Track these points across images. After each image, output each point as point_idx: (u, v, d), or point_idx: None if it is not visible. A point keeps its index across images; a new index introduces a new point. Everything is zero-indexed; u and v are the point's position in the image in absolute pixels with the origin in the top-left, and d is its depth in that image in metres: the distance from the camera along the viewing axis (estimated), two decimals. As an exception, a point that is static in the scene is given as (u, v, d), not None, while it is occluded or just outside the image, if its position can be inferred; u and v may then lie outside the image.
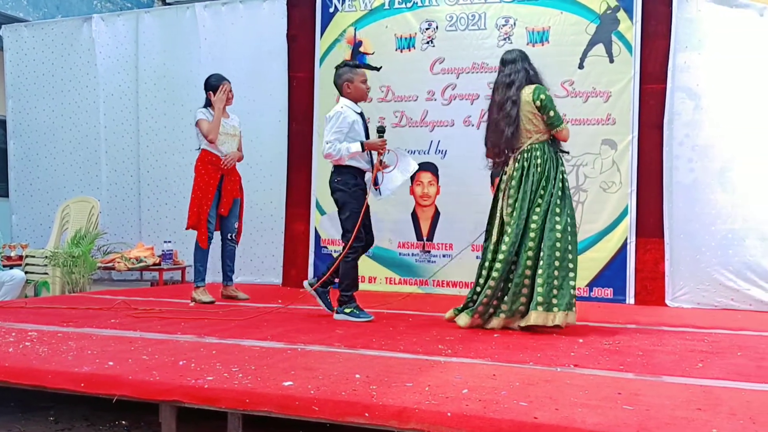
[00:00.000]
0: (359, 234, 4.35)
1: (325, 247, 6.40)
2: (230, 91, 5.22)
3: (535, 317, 3.86)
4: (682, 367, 3.02)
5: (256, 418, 2.46)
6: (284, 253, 6.53)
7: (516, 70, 4.14)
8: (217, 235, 5.30)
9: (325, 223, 6.41)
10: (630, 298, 5.58)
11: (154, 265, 6.55)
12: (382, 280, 6.18)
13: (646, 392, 2.49)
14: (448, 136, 6.07)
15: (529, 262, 3.95)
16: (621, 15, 5.66)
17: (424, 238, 6.16)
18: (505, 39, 5.93)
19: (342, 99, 4.46)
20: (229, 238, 5.35)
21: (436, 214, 6.12)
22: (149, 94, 7.07)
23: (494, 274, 4.00)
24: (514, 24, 5.91)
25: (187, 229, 5.19)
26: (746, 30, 5.41)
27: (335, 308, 4.41)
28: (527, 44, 5.77)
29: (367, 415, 2.24)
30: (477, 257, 5.84)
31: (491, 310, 4.03)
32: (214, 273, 5.65)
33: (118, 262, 6.47)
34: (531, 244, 3.96)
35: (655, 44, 5.60)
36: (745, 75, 5.38)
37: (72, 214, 6.97)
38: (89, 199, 7.04)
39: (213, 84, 5.18)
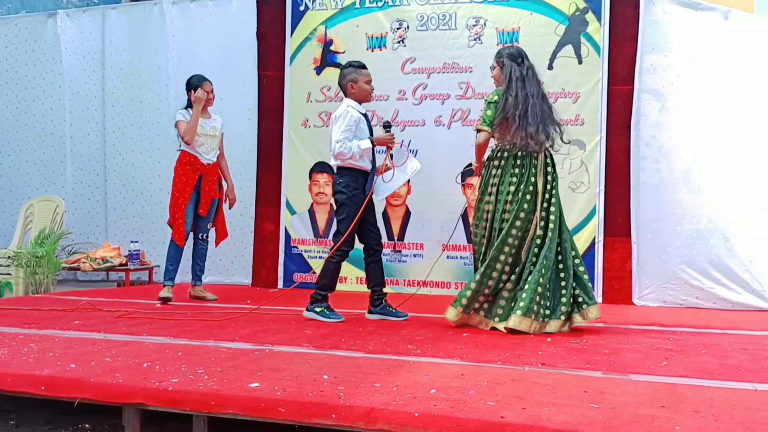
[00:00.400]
0: (349, 238, 4.31)
1: (296, 247, 6.36)
2: (211, 91, 5.20)
3: (594, 312, 3.97)
4: (648, 365, 3.05)
5: (222, 420, 2.43)
6: (254, 253, 6.47)
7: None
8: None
9: (296, 223, 6.37)
10: (598, 297, 5.61)
11: (121, 265, 6.46)
12: (353, 280, 6.16)
13: (612, 390, 2.51)
14: (419, 135, 6.07)
15: (570, 262, 4.00)
16: (589, 17, 5.72)
17: (395, 238, 6.15)
18: (475, 39, 5.95)
19: (346, 99, 4.43)
20: (201, 238, 5.32)
21: (407, 214, 6.11)
22: (116, 92, 6.97)
23: (542, 270, 3.89)
24: (485, 24, 5.93)
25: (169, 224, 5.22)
26: (711, 33, 5.49)
27: (307, 306, 4.38)
28: (497, 44, 5.80)
29: (334, 416, 2.23)
30: (448, 257, 5.88)
31: (542, 311, 3.89)
32: (183, 273, 5.59)
33: (84, 263, 6.36)
34: (570, 245, 4.05)
35: (623, 46, 5.67)
36: (710, 77, 5.47)
37: (36, 214, 6.84)
38: (54, 198, 6.91)
39: (194, 84, 5.17)
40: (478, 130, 4.20)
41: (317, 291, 4.35)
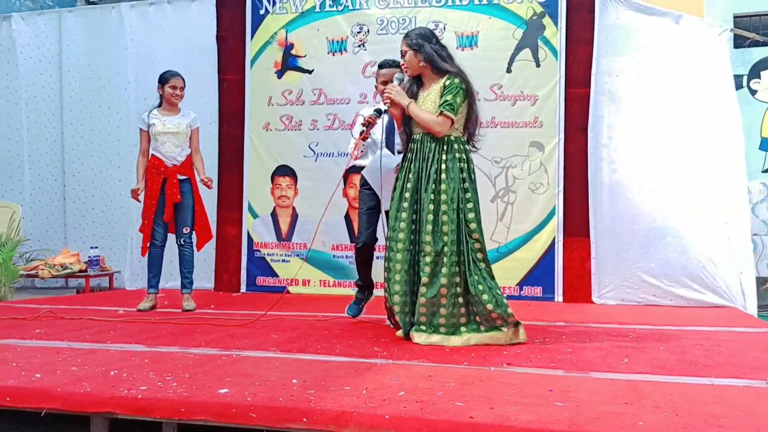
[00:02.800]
0: (358, 235, 4.46)
1: (258, 251, 6.34)
2: (181, 88, 4.94)
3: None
4: (609, 362, 3.13)
5: (192, 427, 2.42)
6: (216, 257, 6.43)
7: None
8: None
9: (258, 227, 6.35)
10: (558, 296, 5.74)
11: (80, 271, 6.35)
12: (317, 283, 6.17)
13: (576, 388, 2.58)
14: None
15: None
16: (546, 21, 5.83)
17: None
18: (435, 43, 6.00)
19: None
20: (180, 243, 5.02)
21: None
22: (74, 96, 6.87)
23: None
24: (444, 28, 5.99)
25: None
26: (663, 37, 5.66)
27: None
28: (457, 48, 5.87)
29: (305, 420, 2.24)
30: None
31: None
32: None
33: (42, 269, 6.25)
34: None
35: (579, 50, 5.79)
36: (662, 80, 5.63)
37: (-9, 221, 6.69)
38: (10, 204, 6.77)
39: (166, 78, 4.93)
40: (444, 116, 3.64)
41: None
